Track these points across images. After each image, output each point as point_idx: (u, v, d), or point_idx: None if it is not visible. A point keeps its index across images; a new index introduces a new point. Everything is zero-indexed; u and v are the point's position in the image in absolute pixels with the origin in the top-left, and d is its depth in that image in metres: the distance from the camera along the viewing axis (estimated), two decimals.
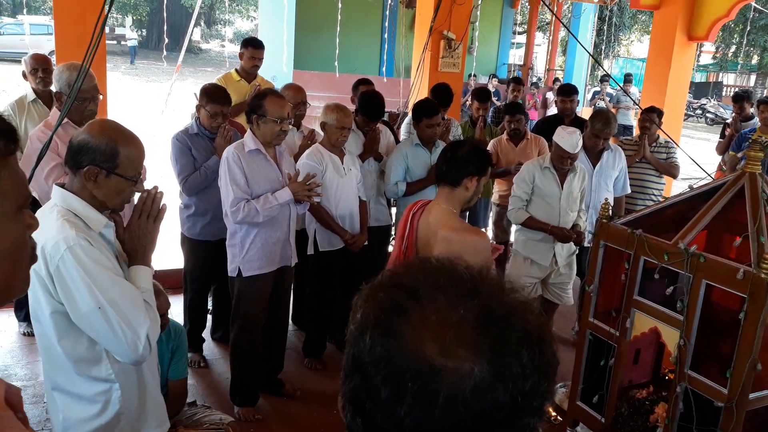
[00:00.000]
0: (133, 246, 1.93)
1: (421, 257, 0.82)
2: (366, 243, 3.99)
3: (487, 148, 5.09)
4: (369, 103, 4.23)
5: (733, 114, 6.66)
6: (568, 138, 3.86)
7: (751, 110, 6.35)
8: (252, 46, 4.97)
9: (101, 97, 3.41)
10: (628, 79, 13.64)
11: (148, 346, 1.80)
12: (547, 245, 4.04)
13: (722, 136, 6.99)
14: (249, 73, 4.98)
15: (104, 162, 1.83)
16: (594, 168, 4.46)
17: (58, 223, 1.76)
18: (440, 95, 4.98)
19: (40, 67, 4.13)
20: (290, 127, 3.45)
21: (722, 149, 6.47)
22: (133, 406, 1.95)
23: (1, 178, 0.75)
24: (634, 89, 12.05)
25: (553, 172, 4.00)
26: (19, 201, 0.78)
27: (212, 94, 3.71)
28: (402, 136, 5.17)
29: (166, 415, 2.12)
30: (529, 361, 0.70)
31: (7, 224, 0.77)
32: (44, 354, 1.91)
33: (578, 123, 5.14)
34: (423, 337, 0.70)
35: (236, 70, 5.01)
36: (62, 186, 1.88)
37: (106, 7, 3.01)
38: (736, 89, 21.01)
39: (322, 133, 4.16)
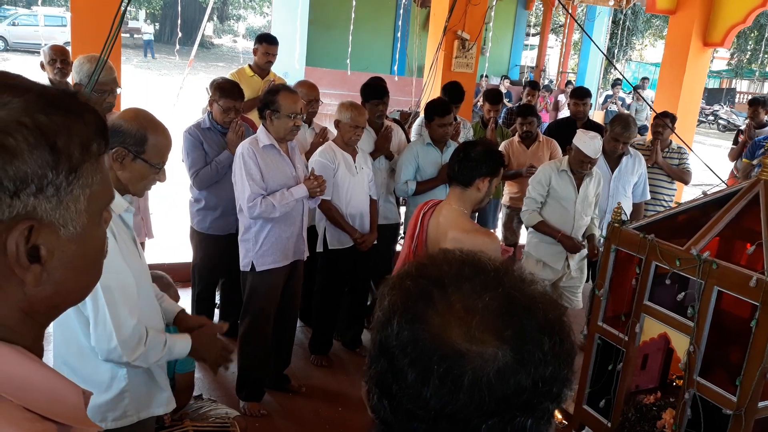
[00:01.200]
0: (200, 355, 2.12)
1: (446, 249, 0.84)
2: (375, 242, 3.99)
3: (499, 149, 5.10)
4: (368, 88, 4.29)
5: (747, 120, 6.60)
6: (590, 142, 3.81)
7: (766, 117, 6.29)
8: (266, 41, 4.98)
9: (120, 90, 3.43)
10: (642, 84, 13.59)
11: (119, 349, 1.83)
12: (560, 248, 4.02)
13: (735, 142, 6.93)
14: (262, 68, 4.99)
15: (133, 146, 1.91)
16: (612, 173, 4.44)
17: None
18: (451, 93, 5.02)
19: (58, 57, 4.15)
20: (302, 122, 3.46)
21: (735, 156, 6.42)
22: (138, 385, 1.99)
23: (93, 183, 0.72)
24: (650, 92, 11.99)
25: (570, 175, 3.96)
26: (105, 203, 0.76)
27: (225, 89, 3.71)
28: (413, 135, 5.17)
29: (172, 396, 2.14)
30: (550, 349, 0.74)
31: (95, 229, 0.75)
32: (57, 328, 1.96)
33: (590, 126, 5.12)
34: (449, 323, 0.73)
35: (250, 65, 5.02)
36: None
37: (125, 1, 3.02)
38: (750, 96, 20.84)
39: (334, 131, 4.16)
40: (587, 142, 3.82)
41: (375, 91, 4.24)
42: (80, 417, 0.70)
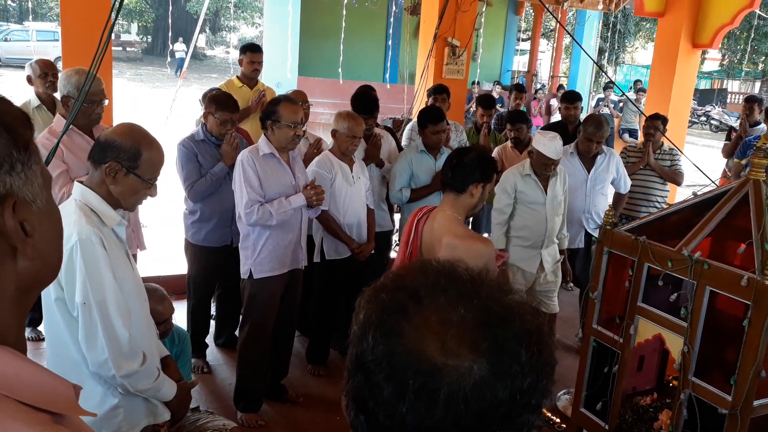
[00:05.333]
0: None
1: (422, 260, 0.84)
2: (373, 251, 3.99)
3: (492, 155, 5.13)
4: (359, 101, 4.29)
5: (741, 117, 6.63)
6: (550, 144, 3.75)
7: (759, 116, 6.33)
8: (250, 50, 5.00)
9: (107, 101, 3.43)
10: (638, 87, 13.62)
11: (109, 363, 1.87)
12: (534, 251, 3.95)
13: (728, 139, 6.97)
14: (250, 78, 5.00)
15: (126, 160, 1.93)
16: (588, 173, 4.45)
17: (75, 216, 1.86)
18: (435, 90, 5.18)
19: (50, 71, 4.16)
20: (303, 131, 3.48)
21: (728, 152, 6.43)
22: (132, 400, 2.00)
23: (39, 159, 0.76)
24: (641, 95, 12.00)
25: (535, 178, 3.89)
26: (50, 179, 0.80)
27: (222, 102, 3.72)
28: (403, 142, 5.18)
29: (166, 407, 2.15)
30: (528, 360, 0.72)
31: (53, 204, 0.79)
32: (50, 344, 1.98)
33: None
34: (424, 337, 0.72)
35: (237, 76, 5.04)
36: (81, 182, 1.98)
37: (113, 15, 3.03)
38: (742, 95, 20.88)
39: (328, 141, 4.17)
40: (547, 145, 3.76)
41: (365, 106, 4.24)
42: (72, 406, 0.72)
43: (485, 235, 5.55)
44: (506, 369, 0.71)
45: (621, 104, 13.04)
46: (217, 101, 3.72)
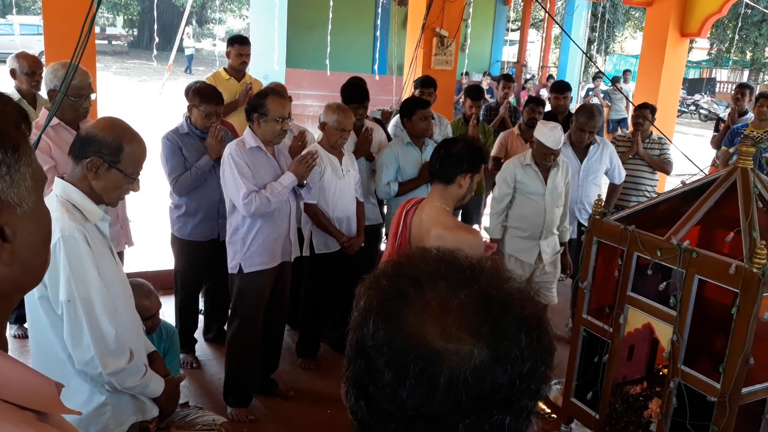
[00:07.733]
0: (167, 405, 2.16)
1: (422, 247, 0.83)
2: (363, 245, 3.97)
3: (497, 142, 5.16)
4: (348, 91, 4.26)
5: (731, 105, 6.65)
6: (550, 134, 3.75)
7: (747, 105, 6.34)
8: (238, 42, 4.95)
9: (94, 95, 3.39)
10: (625, 77, 13.68)
11: (96, 361, 1.85)
12: (533, 242, 3.95)
13: (716, 130, 6.99)
14: (238, 70, 4.95)
15: (108, 155, 1.90)
16: (581, 163, 4.44)
17: (58, 212, 1.84)
18: (423, 83, 5.16)
19: (38, 71, 4.09)
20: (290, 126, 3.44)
21: (717, 143, 6.46)
22: (120, 397, 1.98)
23: (32, 162, 0.75)
24: (632, 84, 12.06)
25: (535, 168, 3.88)
26: (44, 182, 0.79)
27: (206, 94, 3.68)
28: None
29: (154, 404, 2.13)
30: (527, 345, 0.73)
31: (43, 207, 0.78)
32: (35, 343, 1.95)
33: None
34: (424, 322, 0.72)
35: (225, 69, 4.99)
36: (62, 178, 1.95)
37: (95, 5, 2.98)
38: (730, 85, 20.95)
39: (314, 132, 4.13)
40: (547, 134, 3.75)
41: (355, 95, 4.21)
42: (55, 404, 0.72)
43: (474, 226, 5.55)
44: (506, 354, 0.72)
45: (610, 94, 13.08)
46: (201, 94, 3.68)
